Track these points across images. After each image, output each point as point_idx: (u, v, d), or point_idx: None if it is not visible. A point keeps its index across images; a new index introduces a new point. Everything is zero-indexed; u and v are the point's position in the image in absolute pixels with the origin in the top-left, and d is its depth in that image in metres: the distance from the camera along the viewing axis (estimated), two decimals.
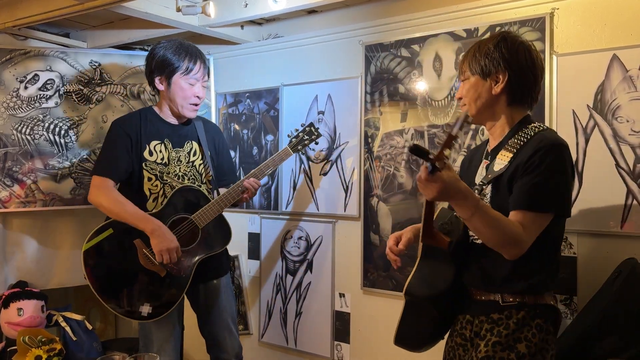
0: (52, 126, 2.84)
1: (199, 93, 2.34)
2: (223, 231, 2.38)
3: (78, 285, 3.11)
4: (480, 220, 1.42)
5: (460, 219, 1.57)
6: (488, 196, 1.59)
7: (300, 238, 2.83)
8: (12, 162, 2.77)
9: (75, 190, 2.87)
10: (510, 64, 1.57)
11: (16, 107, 2.79)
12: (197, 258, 2.29)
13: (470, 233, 1.63)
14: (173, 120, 2.40)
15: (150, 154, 2.32)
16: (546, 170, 1.46)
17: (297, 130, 2.51)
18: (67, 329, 2.80)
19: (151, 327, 2.31)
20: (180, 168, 2.37)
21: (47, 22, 2.68)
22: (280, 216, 2.89)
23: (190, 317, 2.52)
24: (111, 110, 2.94)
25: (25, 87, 2.81)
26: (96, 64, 2.92)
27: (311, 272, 2.78)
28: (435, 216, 1.66)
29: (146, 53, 2.39)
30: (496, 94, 1.59)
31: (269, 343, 2.95)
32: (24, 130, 2.80)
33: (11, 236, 2.89)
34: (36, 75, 2.82)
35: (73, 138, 2.87)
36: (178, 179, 2.36)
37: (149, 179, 2.31)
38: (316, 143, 2.55)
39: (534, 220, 1.46)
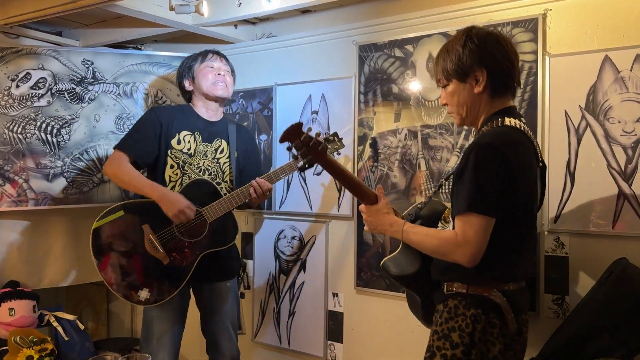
0: (44, 125, 2.82)
1: (219, 71, 2.48)
2: (230, 229, 2.40)
3: (70, 285, 3.11)
4: (410, 241, 1.61)
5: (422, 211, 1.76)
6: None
7: (293, 238, 2.82)
8: (3, 161, 2.75)
9: (68, 189, 2.85)
10: (484, 59, 1.55)
11: (8, 105, 2.77)
12: (201, 251, 2.32)
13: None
14: (207, 117, 2.50)
15: (178, 142, 2.41)
16: (468, 174, 1.47)
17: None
18: (59, 329, 2.79)
19: (153, 318, 2.36)
20: (204, 162, 2.43)
21: (39, 20, 2.66)
22: (274, 216, 2.89)
23: (188, 318, 2.51)
24: (104, 109, 2.92)
25: (17, 86, 2.79)
26: (89, 63, 2.91)
27: (304, 271, 2.78)
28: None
29: (139, 52, 2.41)
30: (479, 93, 1.58)
31: (262, 343, 2.94)
32: (15, 129, 2.78)
33: (2, 235, 2.87)
34: (28, 73, 2.80)
35: (65, 137, 2.86)
36: (199, 172, 2.42)
37: (171, 167, 2.39)
38: (338, 154, 2.53)
39: (464, 225, 1.46)
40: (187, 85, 2.51)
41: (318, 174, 2.72)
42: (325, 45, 2.71)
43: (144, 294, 2.27)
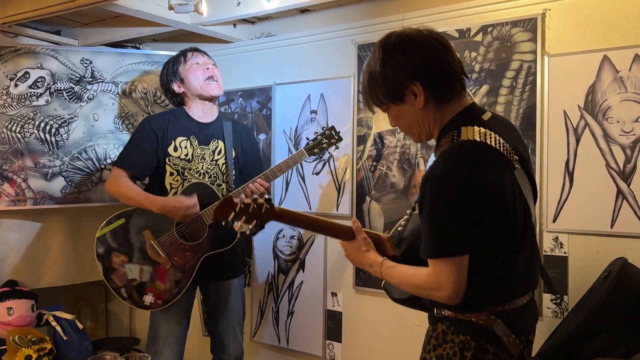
0: (42, 124, 2.82)
1: (206, 65, 2.46)
2: (229, 231, 2.35)
3: (68, 284, 3.10)
4: (389, 280, 1.50)
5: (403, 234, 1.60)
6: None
7: (292, 237, 2.82)
8: (2, 161, 2.74)
9: (66, 189, 2.85)
10: (412, 71, 1.37)
11: (6, 105, 2.76)
12: (202, 254, 2.35)
13: None
14: (201, 119, 2.48)
15: (175, 149, 2.41)
16: (426, 212, 1.31)
17: (316, 132, 2.44)
18: (58, 328, 2.78)
19: (159, 319, 2.40)
20: (202, 165, 2.43)
21: (38, 19, 2.66)
22: None
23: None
24: (102, 109, 2.92)
25: (16, 85, 2.78)
26: (87, 62, 2.90)
27: (303, 271, 2.78)
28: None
29: (138, 51, 2.42)
30: (422, 108, 1.40)
31: (261, 342, 2.94)
32: (14, 128, 2.77)
33: (0, 235, 2.87)
34: (27, 73, 2.80)
35: (64, 136, 2.85)
36: (199, 176, 2.42)
37: (171, 174, 2.40)
38: (337, 147, 2.50)
39: (437, 271, 1.32)
40: (177, 88, 2.48)
41: (317, 174, 2.72)
42: (324, 44, 2.71)
43: (148, 298, 2.33)
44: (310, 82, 2.74)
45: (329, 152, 2.63)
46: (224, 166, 2.47)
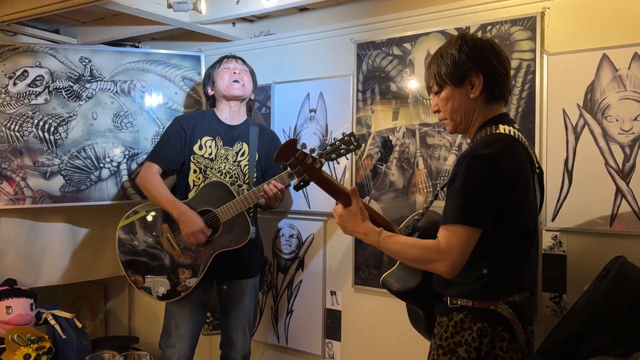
0: (41, 123, 2.81)
1: (235, 70, 2.56)
2: (243, 229, 2.44)
3: (67, 283, 3.10)
4: (388, 250, 1.57)
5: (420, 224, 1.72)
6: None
7: (291, 236, 2.82)
8: (0, 159, 2.74)
9: (65, 187, 2.85)
10: (481, 63, 1.52)
11: (5, 103, 2.76)
12: (214, 250, 2.42)
13: None
14: (228, 121, 2.57)
15: (200, 148, 2.52)
16: (458, 184, 1.43)
17: (335, 138, 2.38)
18: (57, 327, 2.78)
19: (174, 309, 2.50)
20: (225, 165, 2.52)
21: (37, 18, 2.66)
22: (272, 214, 2.88)
23: None
24: (101, 107, 2.91)
25: (14, 84, 2.78)
26: (86, 61, 2.90)
27: (302, 270, 2.78)
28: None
29: (137, 49, 2.44)
30: (475, 98, 1.54)
31: (260, 341, 2.94)
32: (12, 126, 2.77)
33: None
34: (25, 71, 2.80)
35: (63, 135, 2.85)
36: (221, 175, 2.51)
37: (194, 171, 2.52)
38: (355, 154, 2.54)
39: (450, 235, 1.42)
40: (210, 91, 2.63)
41: None
42: (323, 43, 2.71)
43: (161, 289, 2.44)
44: (310, 80, 2.74)
45: (346, 158, 2.57)
46: (245, 168, 2.54)
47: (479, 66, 1.51)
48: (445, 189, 1.56)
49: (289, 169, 1.59)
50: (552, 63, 2.09)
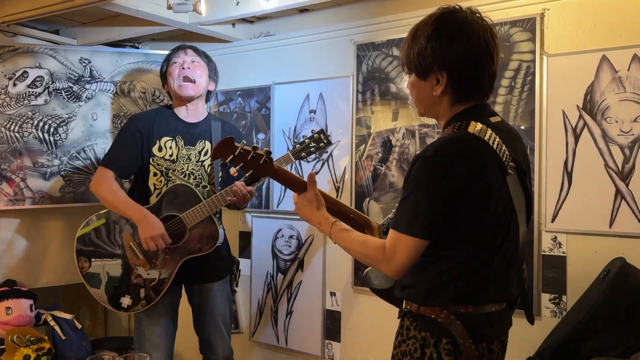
0: (41, 124, 2.81)
1: (183, 65, 2.38)
2: (211, 234, 2.32)
3: (67, 284, 3.10)
4: (338, 241, 1.50)
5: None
6: None
7: (291, 237, 2.82)
8: (0, 160, 2.74)
9: (65, 188, 2.85)
10: (446, 62, 1.34)
11: (5, 104, 2.76)
12: (181, 257, 2.29)
13: None
14: (188, 119, 2.43)
15: (160, 149, 2.37)
16: (408, 190, 1.32)
17: (305, 136, 2.39)
18: (56, 327, 2.78)
19: (143, 321, 2.36)
20: (188, 166, 2.39)
21: (36, 18, 2.66)
22: (272, 215, 2.89)
23: (182, 317, 2.51)
24: (101, 108, 2.92)
25: (14, 84, 2.78)
26: (86, 61, 2.90)
27: (302, 270, 2.78)
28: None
29: (137, 50, 2.42)
30: (438, 96, 1.39)
31: (260, 342, 2.94)
32: (12, 127, 2.77)
33: None
34: (25, 72, 2.80)
35: (62, 136, 2.85)
36: (184, 177, 2.38)
37: (155, 174, 2.36)
38: (325, 152, 2.47)
39: (395, 241, 1.32)
40: (166, 89, 2.50)
41: (316, 174, 2.72)
42: (323, 44, 2.71)
43: (125, 301, 2.29)
44: (309, 81, 2.74)
45: (326, 152, 2.62)
46: (210, 167, 2.42)
47: (444, 65, 1.34)
48: None
49: (229, 165, 1.50)
50: (552, 64, 2.09)
